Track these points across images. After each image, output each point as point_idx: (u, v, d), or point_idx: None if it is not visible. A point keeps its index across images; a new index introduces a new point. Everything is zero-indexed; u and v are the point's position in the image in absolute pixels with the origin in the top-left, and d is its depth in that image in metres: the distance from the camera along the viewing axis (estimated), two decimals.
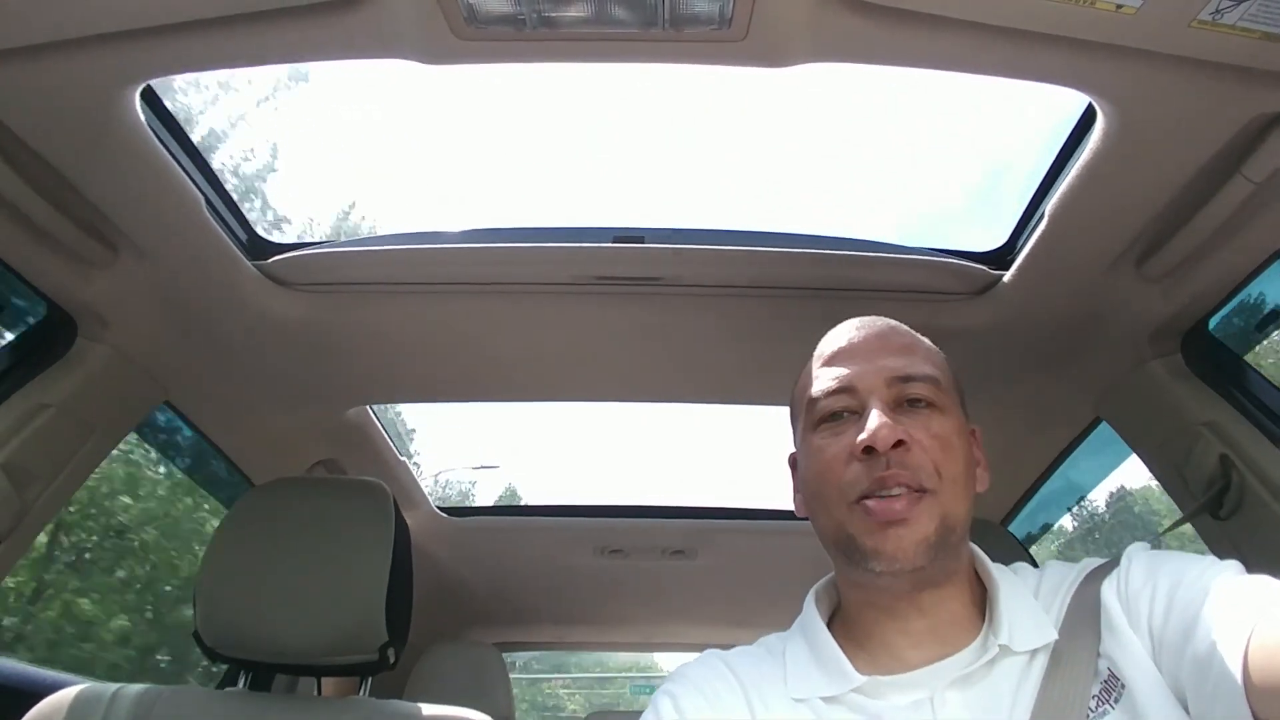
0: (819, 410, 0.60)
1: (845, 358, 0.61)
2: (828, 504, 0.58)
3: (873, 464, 0.55)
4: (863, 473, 0.55)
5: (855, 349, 0.61)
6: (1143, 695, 0.51)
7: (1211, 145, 0.69)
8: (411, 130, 25.99)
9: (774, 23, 0.61)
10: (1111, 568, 0.59)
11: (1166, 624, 0.52)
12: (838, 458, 0.57)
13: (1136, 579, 0.56)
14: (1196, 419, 0.92)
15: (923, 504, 0.55)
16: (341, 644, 0.86)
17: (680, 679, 0.61)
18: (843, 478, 0.56)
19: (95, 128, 0.71)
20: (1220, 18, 0.56)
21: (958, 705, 0.54)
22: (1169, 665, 0.51)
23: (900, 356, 0.60)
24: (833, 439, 0.58)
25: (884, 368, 0.59)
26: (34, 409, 0.92)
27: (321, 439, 1.33)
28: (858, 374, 0.59)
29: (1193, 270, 0.83)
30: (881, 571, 0.55)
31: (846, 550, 0.57)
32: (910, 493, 0.54)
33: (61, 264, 0.86)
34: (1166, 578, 0.54)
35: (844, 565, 0.59)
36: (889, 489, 0.54)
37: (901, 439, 0.55)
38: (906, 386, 0.58)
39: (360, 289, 0.98)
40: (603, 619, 2.03)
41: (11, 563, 0.97)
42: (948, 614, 0.58)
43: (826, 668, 0.58)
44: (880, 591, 0.58)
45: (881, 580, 0.56)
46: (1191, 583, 0.52)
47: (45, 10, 0.58)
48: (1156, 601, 0.53)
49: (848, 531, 0.56)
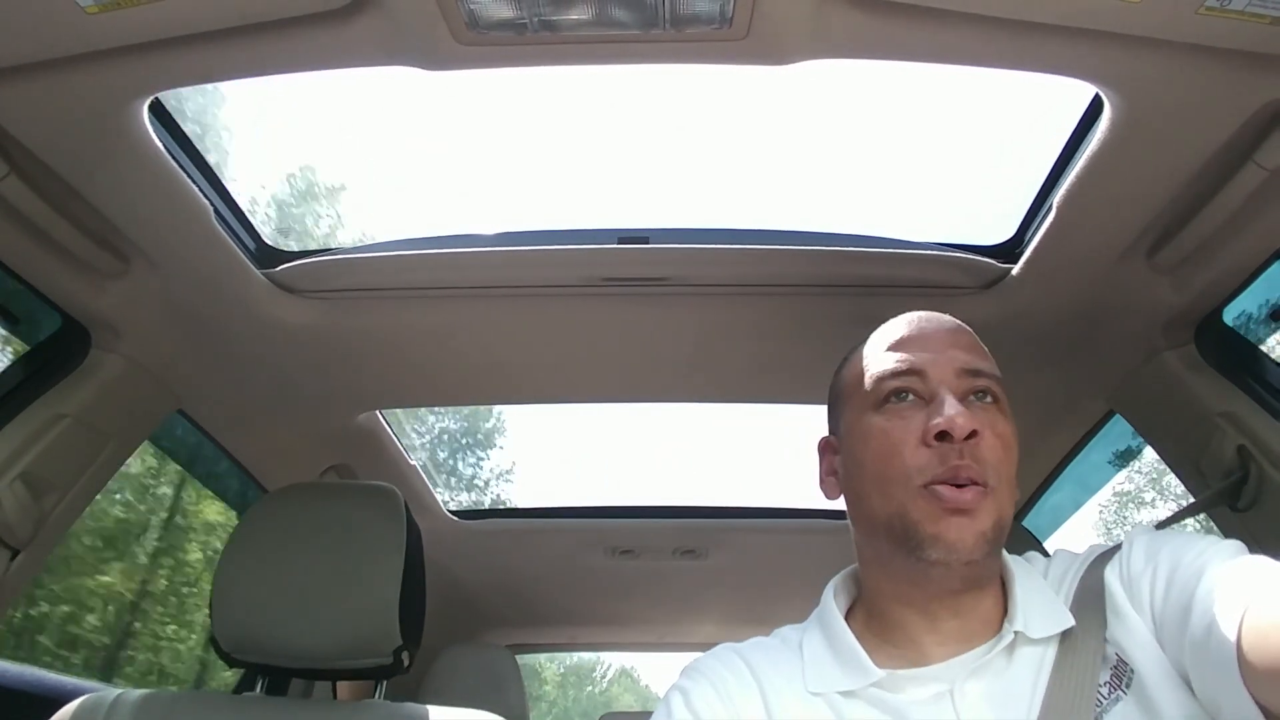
0: (884, 389, 0.58)
1: (914, 344, 0.59)
2: (889, 486, 0.56)
3: (946, 451, 0.54)
4: (934, 459, 0.54)
5: (925, 337, 0.60)
6: (1152, 679, 0.50)
7: (1222, 133, 0.68)
8: (415, 135, 26.16)
9: (775, 20, 0.61)
10: (1114, 552, 0.58)
11: (1166, 604, 0.52)
12: (905, 440, 0.56)
13: (1138, 561, 0.56)
14: (1212, 410, 0.91)
15: (986, 500, 0.54)
16: (356, 648, 0.86)
17: (693, 674, 0.61)
18: (911, 461, 0.55)
19: (105, 141, 0.72)
20: (1229, 3, 0.55)
21: (978, 697, 0.54)
22: (1170, 646, 0.51)
23: (968, 352, 0.59)
24: (899, 421, 0.57)
25: (954, 358, 0.58)
26: (50, 419, 0.93)
27: (333, 444, 1.34)
28: (928, 360, 0.58)
29: (1205, 260, 0.82)
30: (938, 560, 0.54)
31: (903, 535, 0.55)
32: (977, 488, 0.54)
33: (74, 276, 0.87)
34: (1167, 559, 0.54)
35: (892, 552, 0.57)
36: (959, 479, 0.54)
37: (976, 429, 0.54)
38: (976, 380, 0.57)
39: (368, 295, 0.99)
40: (615, 619, 2.03)
41: (32, 571, 0.98)
42: (977, 616, 0.57)
43: (844, 661, 0.57)
44: (924, 585, 0.56)
45: (934, 571, 0.55)
46: (1190, 563, 0.52)
47: (54, 26, 0.59)
48: (1157, 582, 0.53)
49: (910, 516, 0.55)
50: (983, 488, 0.54)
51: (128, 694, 0.84)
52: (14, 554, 0.92)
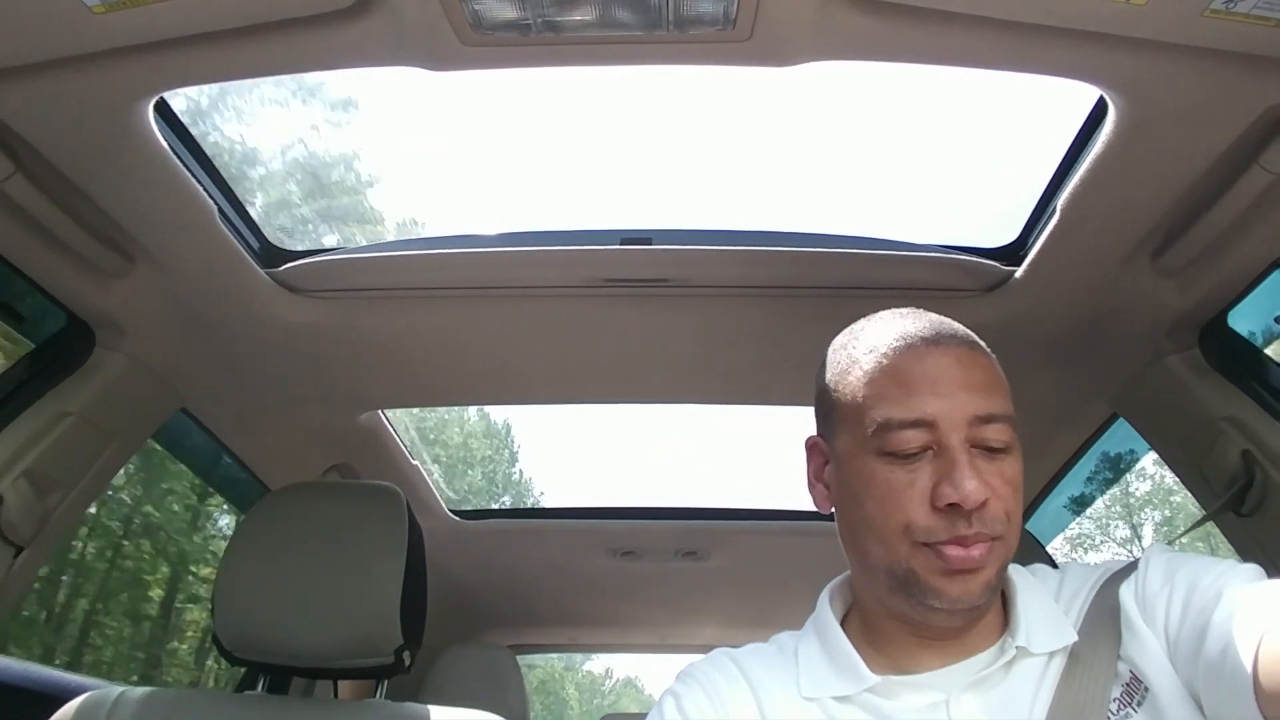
0: (892, 442, 0.54)
1: (924, 386, 0.54)
2: (890, 539, 0.54)
3: (954, 518, 0.52)
4: (942, 525, 0.52)
5: (937, 377, 0.55)
6: (1166, 698, 0.50)
7: (1227, 137, 0.68)
8: (418, 135, 26.21)
9: (778, 22, 0.61)
10: (1131, 570, 0.58)
11: (1181, 627, 0.51)
12: (909, 499, 0.53)
13: (1154, 581, 0.55)
14: (1217, 414, 0.91)
15: (994, 550, 0.53)
16: (357, 647, 0.86)
17: (686, 679, 0.60)
18: (915, 521, 0.53)
19: (110, 140, 0.72)
20: (1234, 6, 0.55)
21: (974, 708, 0.53)
22: (1183, 667, 0.50)
23: (981, 394, 0.54)
24: (904, 473, 0.53)
25: (967, 404, 0.54)
26: (54, 417, 0.94)
27: (335, 444, 1.34)
28: (941, 410, 0.53)
29: (1210, 263, 0.82)
30: (939, 609, 0.53)
31: (904, 583, 0.54)
32: (983, 544, 0.52)
33: (79, 274, 0.87)
34: (1184, 581, 0.53)
35: (890, 594, 0.55)
36: (967, 543, 0.52)
37: (987, 497, 0.52)
38: (987, 429, 0.54)
39: (371, 295, 0.99)
40: (616, 621, 2.03)
41: (35, 569, 0.99)
42: (977, 630, 0.57)
43: (839, 667, 0.57)
44: (923, 625, 0.56)
45: (935, 616, 0.54)
46: (1207, 586, 0.51)
47: (60, 25, 0.59)
48: (1173, 604, 0.53)
49: (909, 567, 0.53)
50: (991, 541, 0.53)
51: (130, 691, 0.84)
52: (17, 551, 0.92)
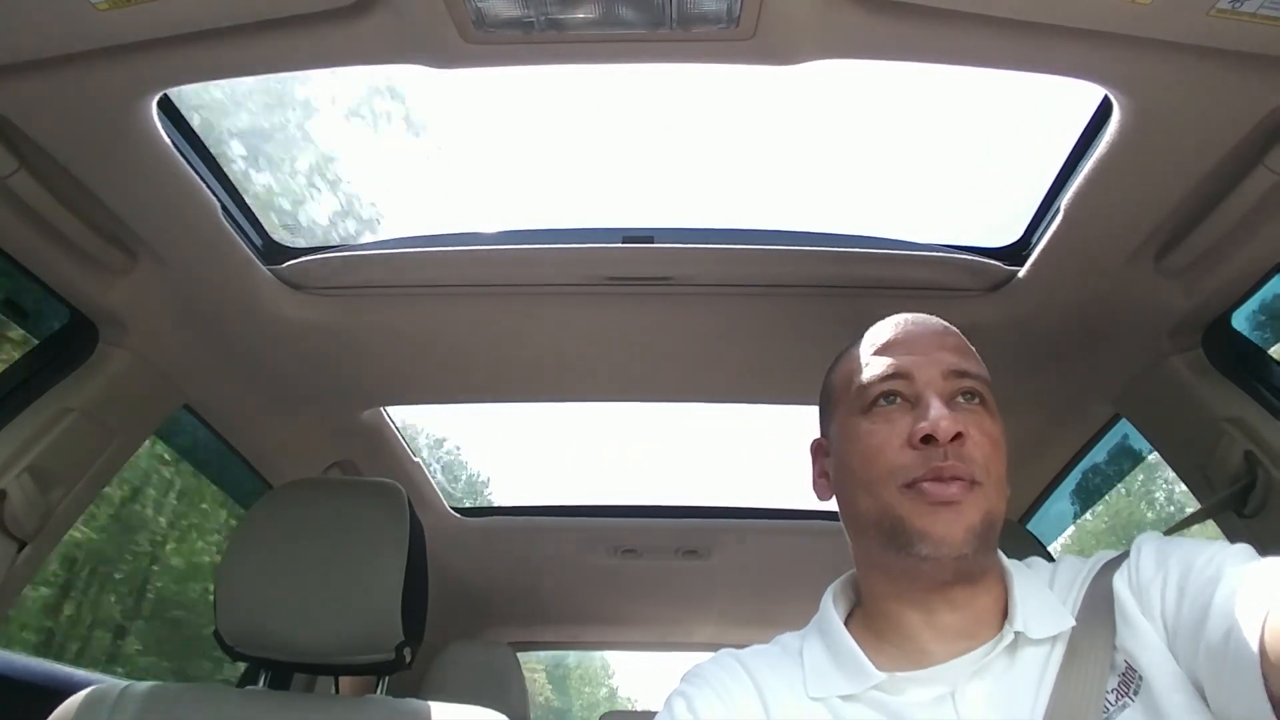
0: (871, 393, 0.59)
1: (900, 347, 0.61)
2: (874, 487, 0.57)
3: (930, 453, 0.55)
4: (919, 460, 0.55)
5: (911, 340, 0.61)
6: (1161, 687, 0.50)
7: (1232, 137, 0.68)
8: (421, 133, 26.22)
9: (782, 20, 0.61)
10: (1123, 559, 0.58)
11: (1179, 612, 0.52)
12: (889, 443, 0.57)
13: (1147, 568, 0.55)
14: (1220, 415, 0.90)
15: (973, 494, 0.55)
16: (358, 644, 0.87)
17: (694, 679, 0.61)
18: (895, 462, 0.56)
19: (114, 137, 0.72)
20: (1240, 6, 0.54)
21: (979, 698, 0.53)
22: (1184, 653, 0.50)
23: (954, 353, 0.60)
24: (885, 424, 0.58)
25: (941, 360, 0.59)
26: (57, 413, 0.94)
27: (337, 441, 1.35)
28: (915, 363, 0.59)
29: (1214, 264, 0.82)
30: (927, 555, 0.55)
31: (892, 532, 0.56)
32: (962, 483, 0.55)
33: (83, 271, 0.88)
34: (1177, 565, 0.54)
35: (883, 550, 0.58)
36: (944, 477, 0.54)
37: (961, 431, 0.55)
38: (962, 381, 0.58)
39: (374, 292, 0.99)
40: (617, 619, 2.03)
41: (37, 564, 0.99)
42: (974, 611, 0.57)
43: (844, 665, 0.57)
44: (917, 579, 0.57)
45: (925, 565, 0.55)
46: (1202, 569, 0.52)
47: (65, 22, 0.59)
48: (1168, 589, 0.53)
49: (896, 513, 0.56)
50: (968, 483, 0.55)
51: (134, 686, 0.85)
52: (21, 546, 0.93)
